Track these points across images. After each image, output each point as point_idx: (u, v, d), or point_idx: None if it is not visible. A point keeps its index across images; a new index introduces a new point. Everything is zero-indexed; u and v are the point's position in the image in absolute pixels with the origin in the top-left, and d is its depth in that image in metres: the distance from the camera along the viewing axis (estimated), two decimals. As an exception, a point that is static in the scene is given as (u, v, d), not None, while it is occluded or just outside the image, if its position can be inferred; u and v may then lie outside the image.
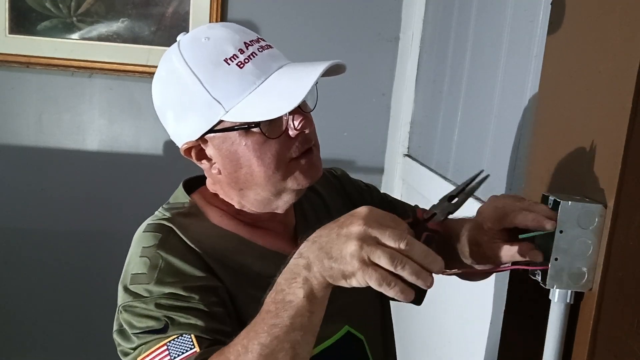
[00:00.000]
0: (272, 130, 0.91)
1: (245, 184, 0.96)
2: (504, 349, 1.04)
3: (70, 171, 2.21)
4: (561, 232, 0.78)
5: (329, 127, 0.95)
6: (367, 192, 1.19)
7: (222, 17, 2.09)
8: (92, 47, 2.10)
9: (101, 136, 2.20)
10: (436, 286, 0.73)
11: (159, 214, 1.00)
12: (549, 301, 0.83)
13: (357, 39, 2.17)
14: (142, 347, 0.88)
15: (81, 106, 2.18)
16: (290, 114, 0.91)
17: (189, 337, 0.86)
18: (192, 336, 0.86)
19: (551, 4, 0.97)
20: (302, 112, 0.93)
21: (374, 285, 0.71)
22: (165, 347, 0.86)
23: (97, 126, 2.19)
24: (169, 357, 0.85)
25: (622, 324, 0.79)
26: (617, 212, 0.76)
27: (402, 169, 2.18)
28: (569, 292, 0.81)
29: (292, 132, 0.92)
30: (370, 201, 1.11)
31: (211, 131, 0.93)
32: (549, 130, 0.95)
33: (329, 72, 0.91)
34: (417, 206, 1.23)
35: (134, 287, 0.91)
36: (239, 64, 0.90)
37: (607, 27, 0.81)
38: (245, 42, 0.92)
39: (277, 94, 0.89)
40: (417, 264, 0.70)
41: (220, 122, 0.91)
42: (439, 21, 1.96)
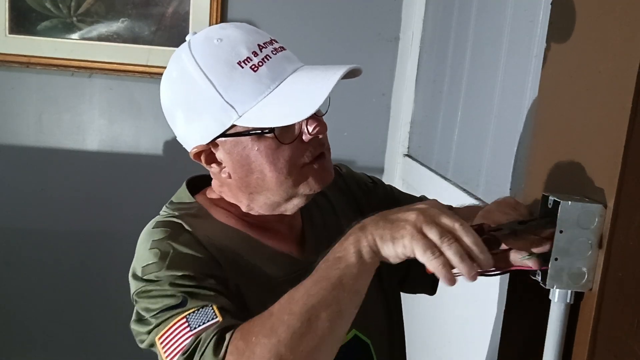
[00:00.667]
0: (286, 135, 0.89)
1: (256, 188, 0.94)
2: (504, 349, 1.04)
3: (70, 171, 2.21)
4: (561, 232, 0.78)
5: (329, 127, 0.95)
6: (372, 193, 1.17)
7: (222, 17, 2.09)
8: (92, 47, 2.10)
9: (101, 136, 2.20)
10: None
11: (165, 213, 0.98)
12: (549, 301, 0.83)
13: (357, 39, 2.17)
14: (159, 326, 0.83)
15: (81, 106, 2.18)
16: None
17: (211, 308, 0.81)
18: (214, 307, 0.81)
19: (551, 4, 0.97)
20: (316, 116, 0.91)
21: (419, 251, 0.72)
22: (184, 320, 0.81)
23: (97, 126, 2.19)
24: (188, 329, 0.80)
25: (622, 324, 0.79)
26: (617, 212, 0.76)
27: (402, 169, 2.18)
28: (569, 292, 0.81)
29: (305, 137, 0.91)
30: (376, 204, 1.09)
31: (223, 135, 0.90)
32: (549, 130, 0.95)
33: (345, 75, 0.88)
34: (424, 196, 1.22)
35: (146, 276, 0.88)
36: (253, 67, 0.87)
37: (607, 27, 0.81)
38: (259, 44, 0.89)
39: (293, 99, 0.87)
40: (464, 250, 0.71)
41: (232, 126, 0.89)
42: (439, 21, 1.96)
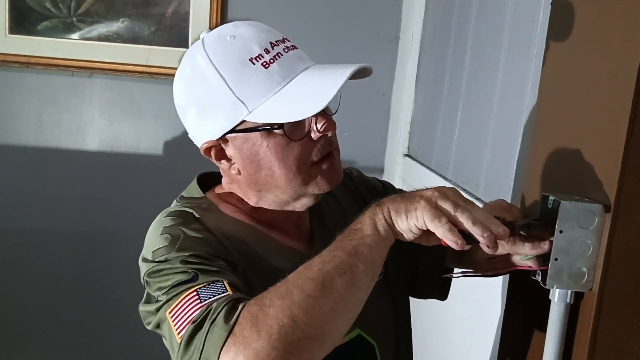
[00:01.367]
0: (295, 132, 0.90)
1: (264, 185, 0.95)
2: (504, 349, 1.04)
3: (70, 171, 2.21)
4: (561, 232, 0.78)
5: (330, 127, 0.95)
6: (382, 197, 1.16)
7: (222, 17, 2.09)
8: (92, 47, 2.10)
9: (101, 136, 2.20)
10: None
11: (176, 205, 0.98)
12: (549, 301, 0.83)
13: (357, 39, 2.17)
14: (170, 301, 0.82)
15: (81, 106, 2.18)
16: (313, 116, 0.90)
17: (221, 283, 0.80)
18: (225, 282, 0.81)
19: (551, 4, 0.97)
20: (325, 114, 0.92)
21: (428, 219, 0.75)
22: (195, 293, 0.80)
23: (97, 126, 2.19)
24: (198, 301, 0.78)
25: (622, 324, 0.79)
26: (617, 212, 0.76)
27: (402, 169, 2.18)
28: (569, 292, 0.81)
29: (314, 134, 0.91)
30: None
31: (233, 131, 0.91)
32: (549, 130, 0.95)
33: (355, 75, 0.90)
34: None
35: (157, 258, 0.87)
36: (265, 64, 0.89)
37: (607, 27, 0.81)
38: (271, 42, 0.90)
39: (302, 96, 0.88)
40: (477, 218, 0.75)
41: (242, 122, 0.90)
42: (439, 21, 1.96)
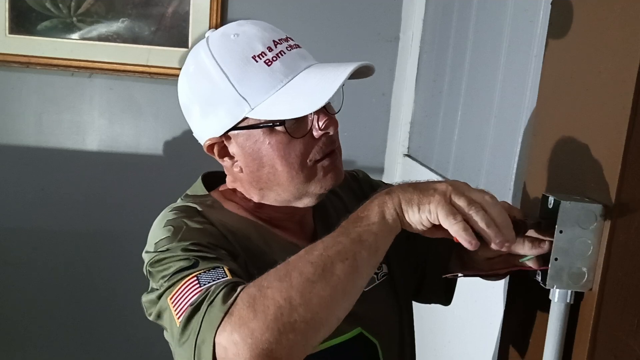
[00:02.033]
0: (297, 129, 0.91)
1: (266, 183, 0.95)
2: (504, 349, 1.04)
3: (70, 171, 2.21)
4: (561, 232, 0.78)
5: (331, 128, 0.95)
6: None
7: (222, 17, 2.09)
8: (92, 47, 2.10)
9: (101, 136, 2.20)
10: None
11: (181, 202, 0.99)
12: (549, 301, 0.83)
13: (357, 39, 2.17)
14: (170, 288, 0.82)
15: (81, 106, 2.18)
16: (315, 114, 0.90)
17: (222, 269, 0.81)
18: (225, 268, 0.81)
19: (551, 4, 0.97)
20: (327, 113, 0.93)
21: (442, 215, 0.74)
22: (195, 279, 0.80)
23: (97, 126, 2.19)
24: (198, 285, 0.79)
25: (622, 324, 0.79)
26: (617, 212, 0.76)
27: (402, 169, 2.18)
28: (569, 292, 0.81)
29: (316, 132, 0.92)
30: None
31: (235, 128, 0.92)
32: (549, 130, 0.95)
33: (356, 75, 0.90)
34: None
35: (159, 249, 0.87)
36: (267, 61, 0.90)
37: (607, 27, 0.81)
38: (274, 40, 0.92)
39: (303, 93, 0.88)
40: (490, 218, 0.74)
41: (245, 119, 0.91)
42: (439, 21, 1.96)
